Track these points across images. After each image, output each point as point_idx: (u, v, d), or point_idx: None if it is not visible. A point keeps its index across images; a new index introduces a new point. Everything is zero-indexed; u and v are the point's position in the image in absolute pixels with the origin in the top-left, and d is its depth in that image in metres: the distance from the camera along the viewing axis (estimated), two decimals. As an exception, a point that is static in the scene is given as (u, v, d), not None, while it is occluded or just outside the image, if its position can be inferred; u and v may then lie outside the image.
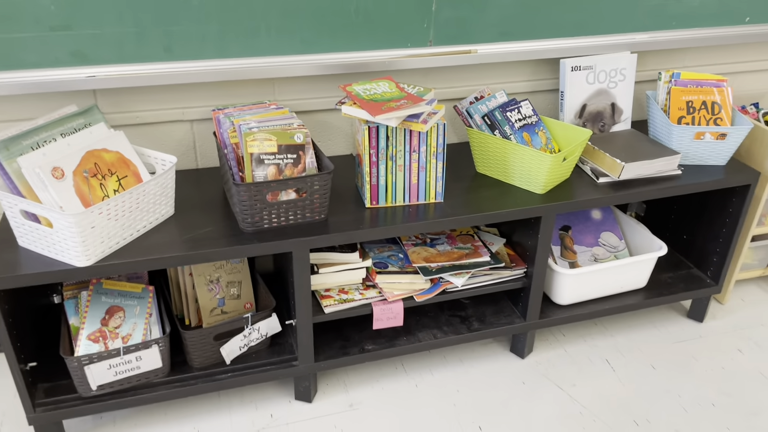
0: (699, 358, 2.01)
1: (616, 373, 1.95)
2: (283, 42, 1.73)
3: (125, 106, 1.75)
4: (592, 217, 2.10)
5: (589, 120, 2.02)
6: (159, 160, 1.61)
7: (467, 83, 2.02)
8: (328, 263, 1.75)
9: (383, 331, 1.88)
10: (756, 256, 2.23)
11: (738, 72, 2.31)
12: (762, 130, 1.97)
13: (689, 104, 1.95)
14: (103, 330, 1.58)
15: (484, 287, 1.83)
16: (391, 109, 1.56)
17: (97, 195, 1.46)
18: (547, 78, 2.09)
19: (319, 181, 1.56)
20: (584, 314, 1.96)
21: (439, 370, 1.94)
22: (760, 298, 2.28)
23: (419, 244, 1.90)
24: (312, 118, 1.94)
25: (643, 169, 1.83)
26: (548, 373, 1.94)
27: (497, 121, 1.78)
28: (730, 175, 1.89)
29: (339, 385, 1.88)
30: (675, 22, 2.06)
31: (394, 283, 1.78)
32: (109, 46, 1.60)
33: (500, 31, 1.90)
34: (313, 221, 1.62)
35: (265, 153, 1.53)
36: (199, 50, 1.68)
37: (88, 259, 1.40)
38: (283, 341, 1.81)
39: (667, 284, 2.10)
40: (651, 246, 2.04)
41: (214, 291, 1.73)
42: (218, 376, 1.68)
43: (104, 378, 1.55)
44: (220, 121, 1.66)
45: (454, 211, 1.69)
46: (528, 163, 1.75)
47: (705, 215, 2.09)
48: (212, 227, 1.58)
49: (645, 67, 2.19)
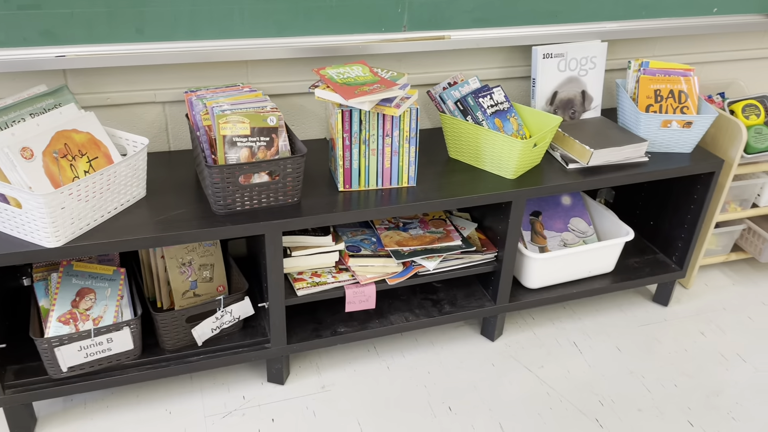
0: (663, 340, 2.07)
1: (583, 355, 2.00)
2: (257, 24, 1.73)
3: (96, 87, 1.73)
4: (562, 203, 2.14)
5: (560, 107, 2.05)
6: (130, 141, 1.60)
7: (441, 69, 2.04)
8: (300, 246, 1.76)
9: (356, 313, 1.90)
10: (719, 242, 2.29)
11: (705, 62, 2.36)
12: (727, 119, 2.02)
13: (657, 93, 1.99)
14: (73, 312, 1.58)
15: (455, 271, 1.86)
16: (364, 93, 1.57)
17: (67, 176, 1.45)
18: (519, 65, 2.12)
19: (292, 164, 1.57)
20: (553, 298, 2.00)
21: (411, 352, 1.97)
22: (723, 283, 2.35)
23: (392, 228, 1.92)
24: (286, 101, 1.94)
25: (612, 156, 1.87)
26: (517, 355, 1.98)
27: (470, 106, 1.80)
28: (695, 163, 1.94)
29: (311, 368, 1.89)
30: (645, 11, 2.09)
31: (366, 266, 1.80)
32: (79, 25, 1.59)
33: (474, 17, 1.92)
34: (286, 204, 1.62)
35: (237, 135, 1.53)
36: (171, 31, 1.67)
37: (58, 240, 1.39)
38: (255, 324, 1.82)
39: (633, 269, 2.15)
40: (618, 231, 2.08)
41: (187, 274, 1.73)
42: (190, 358, 1.69)
43: (75, 360, 1.55)
44: (193, 103, 1.65)
45: (427, 195, 1.71)
46: (499, 149, 1.77)
47: (671, 202, 2.14)
48: (184, 209, 1.58)
49: (615, 55, 2.23)
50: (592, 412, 1.79)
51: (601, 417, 1.78)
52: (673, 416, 1.79)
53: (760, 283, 2.36)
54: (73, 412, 1.70)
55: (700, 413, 1.81)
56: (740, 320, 2.17)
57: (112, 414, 1.71)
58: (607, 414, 1.79)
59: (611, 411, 1.80)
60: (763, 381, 1.93)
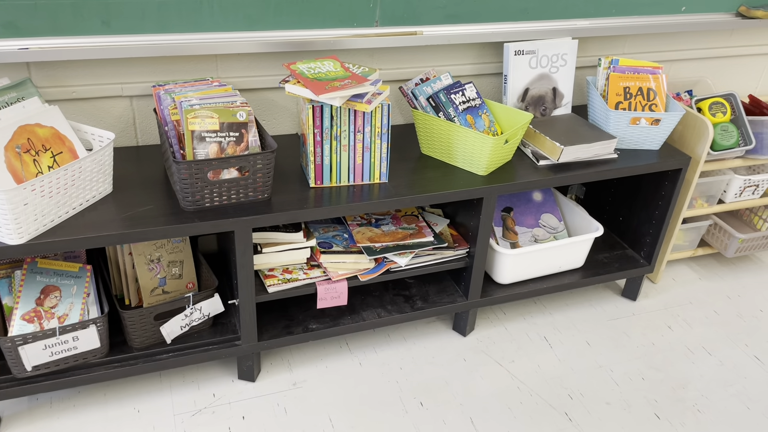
0: (631, 334, 2.10)
1: (553, 350, 2.02)
2: (227, 18, 1.71)
3: (61, 81, 1.70)
4: (534, 199, 2.16)
5: (531, 104, 2.06)
6: (96, 136, 1.57)
7: (413, 64, 2.04)
8: (271, 243, 1.74)
9: (328, 310, 1.90)
10: (687, 237, 2.33)
11: (674, 60, 2.39)
12: (694, 116, 2.05)
13: (626, 90, 2.01)
14: (38, 310, 1.55)
15: (427, 267, 1.87)
16: (335, 88, 1.56)
17: (30, 171, 1.41)
18: (491, 62, 2.12)
19: (262, 160, 1.55)
20: (524, 293, 2.02)
21: (383, 348, 1.97)
22: (690, 278, 2.39)
23: (364, 224, 1.92)
24: (256, 96, 1.92)
25: (581, 153, 1.89)
26: (488, 350, 2.00)
27: (442, 103, 1.81)
28: (663, 160, 1.96)
29: (283, 364, 1.88)
30: (615, 9, 2.11)
31: (338, 262, 1.80)
32: (43, 17, 1.55)
33: (446, 13, 1.92)
34: (256, 200, 1.61)
35: (206, 130, 1.52)
36: (139, 24, 1.64)
37: (21, 237, 1.36)
38: (226, 321, 1.80)
39: (603, 264, 2.17)
40: (588, 227, 2.11)
41: (155, 271, 1.71)
42: (159, 356, 1.67)
43: (39, 359, 1.52)
44: (161, 97, 1.63)
45: (398, 191, 1.70)
46: (471, 145, 1.78)
47: (640, 198, 2.17)
48: (152, 205, 1.56)
49: (586, 53, 2.25)
50: (562, 406, 1.81)
51: (570, 410, 1.80)
52: (640, 409, 1.82)
53: (725, 277, 2.41)
54: (39, 412, 1.67)
55: (667, 406, 1.84)
56: (706, 314, 2.22)
57: (79, 413, 1.68)
58: (576, 407, 1.81)
59: (580, 404, 1.82)
60: (728, 374, 1.97)
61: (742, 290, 2.35)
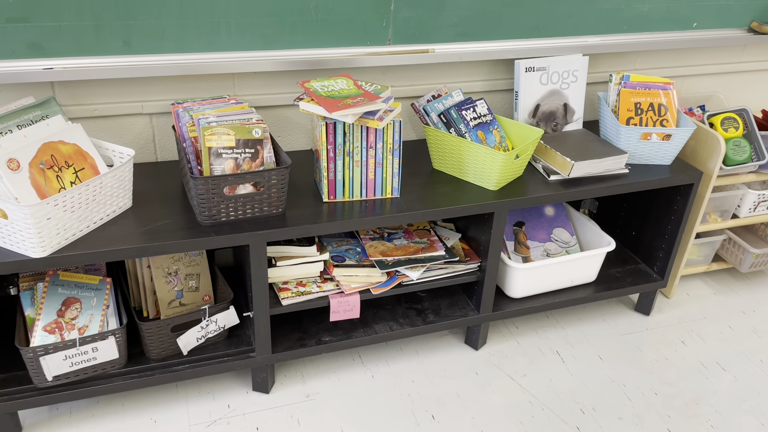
0: (644, 349, 2.10)
1: (566, 364, 2.02)
2: (244, 38, 1.76)
3: (83, 99, 1.76)
4: (545, 214, 2.17)
5: (542, 119, 2.08)
6: (117, 153, 1.62)
7: (425, 81, 2.07)
8: (285, 256, 1.78)
9: (340, 323, 1.92)
10: (700, 252, 2.33)
11: (686, 75, 2.40)
12: (705, 131, 2.06)
13: (637, 106, 2.03)
14: (59, 321, 1.59)
15: (439, 281, 1.89)
16: (347, 106, 1.59)
17: (53, 187, 1.47)
18: (502, 78, 2.15)
19: (277, 176, 1.59)
20: (536, 307, 2.03)
21: (395, 361, 1.99)
22: (704, 293, 2.39)
23: (376, 238, 1.95)
24: (271, 113, 1.96)
25: (592, 168, 1.91)
26: (501, 364, 2.01)
27: (453, 119, 1.84)
28: (675, 175, 1.97)
29: (296, 376, 1.91)
30: (626, 26, 2.13)
31: (351, 276, 1.83)
32: (67, 38, 1.61)
33: (458, 31, 1.95)
34: (271, 215, 1.65)
35: (223, 147, 1.56)
36: (158, 44, 1.69)
37: (44, 250, 1.41)
38: (241, 333, 1.84)
39: (615, 279, 2.18)
40: (600, 242, 2.12)
41: (173, 283, 1.75)
42: (175, 367, 1.70)
43: (60, 369, 1.56)
44: (179, 115, 1.68)
45: (410, 206, 1.73)
46: (482, 161, 1.80)
47: (652, 213, 2.18)
48: (170, 220, 1.60)
49: (597, 68, 2.27)
50: (574, 420, 1.82)
51: (582, 425, 1.81)
52: (653, 424, 1.82)
53: (740, 292, 2.40)
54: (59, 421, 1.71)
55: (680, 421, 1.84)
56: (720, 329, 2.21)
57: (97, 423, 1.72)
58: (588, 422, 1.81)
59: (592, 419, 1.83)
60: (742, 390, 1.96)
61: (756, 305, 2.34)
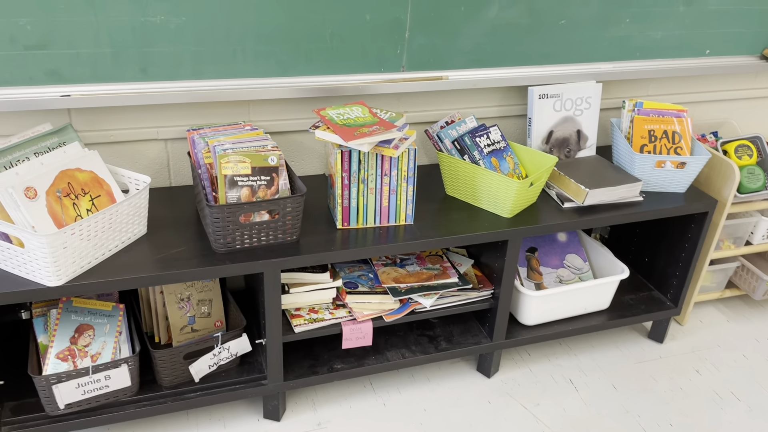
0: (658, 378, 2.08)
1: (579, 393, 2.00)
2: (259, 65, 1.76)
3: (100, 125, 1.76)
4: (558, 240, 2.16)
5: (555, 146, 2.08)
6: (133, 180, 1.62)
7: (439, 107, 2.07)
8: (299, 283, 1.77)
9: (352, 350, 1.91)
10: (714, 279, 2.31)
11: (699, 102, 2.40)
12: (720, 159, 2.05)
13: (651, 133, 2.03)
14: (72, 348, 1.58)
15: (451, 308, 1.88)
16: (363, 134, 1.60)
17: (69, 215, 1.47)
18: (515, 104, 2.15)
19: (292, 203, 1.59)
20: (549, 335, 2.01)
21: (407, 388, 1.97)
22: (718, 320, 2.37)
23: (389, 264, 1.94)
24: (286, 138, 1.97)
25: (606, 196, 1.90)
26: (513, 392, 1.99)
27: (467, 146, 1.83)
28: (689, 203, 1.96)
29: (307, 404, 1.90)
30: (639, 53, 2.14)
31: (363, 303, 1.82)
32: (84, 65, 1.62)
33: (472, 58, 1.96)
34: (285, 242, 1.64)
35: (238, 175, 1.56)
36: (174, 71, 1.70)
37: (59, 279, 1.41)
38: (252, 359, 1.83)
39: (629, 306, 2.16)
40: (614, 269, 2.10)
41: (185, 309, 1.74)
42: (187, 394, 1.69)
43: (72, 397, 1.55)
44: (195, 141, 1.68)
45: (424, 233, 1.73)
46: (495, 188, 1.80)
47: (665, 240, 2.17)
48: (184, 247, 1.60)
49: (610, 95, 2.27)
50: (588, 452, 1.80)
51: (596, 456, 1.79)
52: (668, 456, 1.80)
53: (754, 320, 2.38)
54: (69, 448, 1.70)
55: (696, 453, 1.82)
56: (735, 358, 2.19)
57: (107, 450, 1.71)
58: (602, 453, 1.79)
59: (607, 450, 1.81)
60: (757, 420, 1.94)
61: (771, 333, 2.32)
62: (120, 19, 1.59)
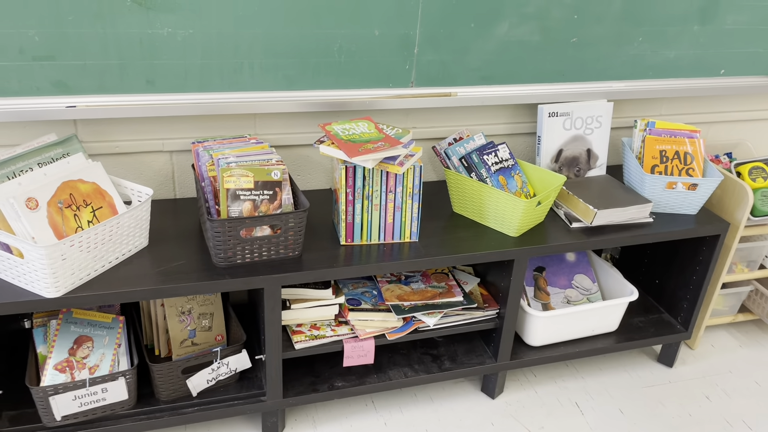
0: (667, 404, 2.03)
1: (585, 417, 1.96)
2: (266, 78, 1.76)
3: (105, 136, 1.76)
4: (567, 259, 2.13)
5: (564, 165, 2.05)
6: (136, 191, 1.61)
7: (447, 124, 2.06)
8: (300, 299, 1.75)
9: (354, 367, 1.89)
10: (726, 302, 2.26)
11: (713, 122, 2.36)
12: (732, 181, 2.01)
13: (663, 153, 1.99)
14: (70, 360, 1.57)
15: (456, 327, 1.85)
16: (368, 151, 1.58)
17: (70, 226, 1.46)
18: (525, 122, 2.13)
19: (294, 219, 1.57)
20: (555, 356, 1.98)
21: (409, 408, 1.94)
22: (730, 345, 2.31)
23: (394, 281, 1.91)
24: (292, 152, 1.96)
25: (615, 216, 1.86)
26: (517, 414, 1.95)
27: (474, 163, 1.81)
28: (701, 225, 1.92)
29: (307, 421, 1.87)
30: (652, 72, 2.11)
31: (366, 320, 1.79)
32: (91, 76, 1.62)
33: (481, 75, 1.94)
34: (287, 258, 1.62)
35: (241, 189, 1.55)
36: (181, 84, 1.70)
37: (58, 290, 1.40)
38: (252, 375, 1.80)
39: (638, 328, 2.12)
40: (623, 290, 2.06)
41: (186, 322, 1.73)
42: (185, 409, 1.67)
43: (69, 409, 1.54)
44: (199, 154, 1.67)
45: (428, 251, 1.70)
46: (503, 207, 1.77)
47: (676, 262, 2.12)
48: (185, 260, 1.58)
49: (622, 114, 2.24)
50: (592, 479, 1.75)
51: (601, 484, 1.74)
52: (675, 486, 1.75)
53: (767, 345, 2.32)
54: (65, 460, 1.69)
55: (704, 483, 1.76)
56: (746, 385, 2.13)
57: (104, 463, 1.69)
58: (607, 481, 1.75)
59: (612, 478, 1.76)
60: (770, 451, 1.89)
61: (785, 360, 2.26)
62: (128, 31, 1.59)
